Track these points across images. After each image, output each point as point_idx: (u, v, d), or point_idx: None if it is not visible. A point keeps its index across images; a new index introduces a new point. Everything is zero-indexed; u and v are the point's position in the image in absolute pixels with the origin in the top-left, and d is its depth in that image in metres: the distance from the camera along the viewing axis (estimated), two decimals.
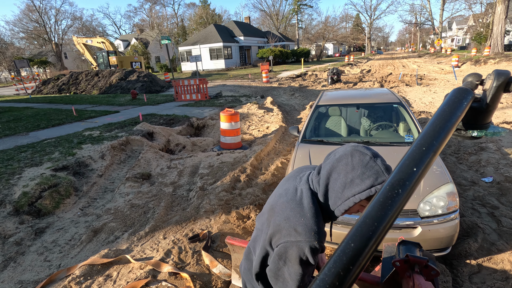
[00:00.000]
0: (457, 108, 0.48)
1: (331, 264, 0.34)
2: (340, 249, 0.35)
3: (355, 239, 0.34)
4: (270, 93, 12.80)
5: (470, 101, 0.52)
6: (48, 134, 6.88)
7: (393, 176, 0.39)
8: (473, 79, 0.61)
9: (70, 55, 47.79)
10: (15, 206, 3.45)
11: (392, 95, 4.08)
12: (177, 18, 59.84)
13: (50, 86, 19.28)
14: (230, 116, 5.46)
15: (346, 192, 0.89)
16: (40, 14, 45.00)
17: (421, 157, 0.40)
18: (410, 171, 0.39)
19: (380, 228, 0.35)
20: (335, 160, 0.93)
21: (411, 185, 0.38)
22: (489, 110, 0.59)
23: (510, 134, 5.61)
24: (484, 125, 0.62)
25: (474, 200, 3.48)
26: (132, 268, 2.48)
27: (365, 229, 0.35)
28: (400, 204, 0.37)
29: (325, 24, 50.76)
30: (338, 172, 0.91)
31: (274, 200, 1.08)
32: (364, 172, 0.87)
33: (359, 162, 0.89)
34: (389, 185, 0.38)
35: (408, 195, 0.38)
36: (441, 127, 0.44)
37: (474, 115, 0.61)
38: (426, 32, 70.82)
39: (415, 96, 10.34)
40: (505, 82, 0.55)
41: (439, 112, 0.48)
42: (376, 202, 0.37)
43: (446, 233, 2.28)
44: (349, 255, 0.34)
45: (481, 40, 30.70)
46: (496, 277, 2.36)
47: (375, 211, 0.36)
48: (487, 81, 0.58)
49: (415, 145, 0.42)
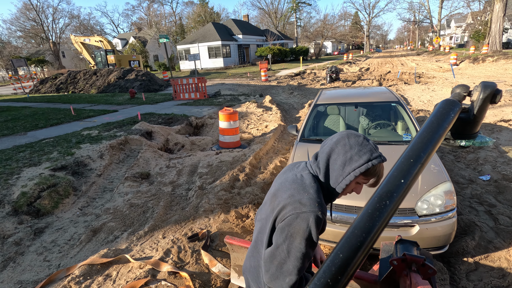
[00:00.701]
0: (445, 120, 0.49)
1: (321, 274, 0.34)
2: (329, 259, 0.35)
3: (344, 250, 0.35)
4: (269, 92, 12.79)
5: (457, 113, 0.53)
6: (47, 133, 6.87)
7: (381, 188, 0.40)
8: (461, 91, 0.62)
9: (68, 54, 47.57)
10: (14, 206, 3.45)
11: (390, 93, 4.09)
12: (175, 16, 59.61)
13: (48, 85, 19.20)
14: (229, 115, 5.46)
15: (346, 168, 0.99)
16: (37, 13, 44.73)
17: (408, 169, 0.41)
18: (398, 182, 0.40)
19: (368, 239, 0.35)
20: (333, 143, 1.04)
21: (399, 197, 0.39)
22: (476, 121, 0.61)
23: (508, 132, 5.64)
24: (472, 135, 0.63)
25: (471, 198, 3.50)
26: (132, 267, 2.49)
27: (353, 240, 0.35)
28: (388, 215, 0.37)
29: (323, 22, 50.66)
30: (338, 152, 1.02)
31: (276, 188, 1.13)
32: (360, 150, 0.99)
33: (355, 142, 1.00)
34: (377, 197, 0.39)
35: (396, 206, 0.38)
36: (428, 139, 0.45)
37: (462, 125, 0.62)
38: (424, 30, 70.83)
39: (413, 94, 10.36)
40: (491, 94, 0.57)
41: (427, 124, 0.49)
42: (365, 213, 0.37)
43: (443, 232, 2.30)
44: (338, 265, 0.34)
45: (480, 38, 30.73)
46: (493, 274, 2.38)
47: (364, 222, 0.37)
48: (474, 92, 0.59)
49: (403, 157, 0.43)
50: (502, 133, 5.64)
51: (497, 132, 5.71)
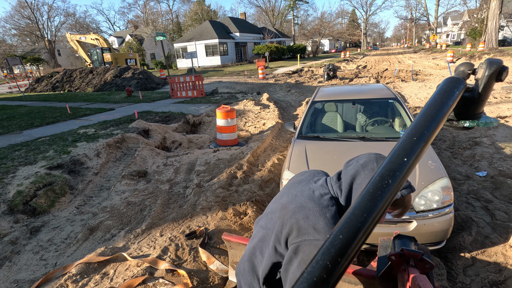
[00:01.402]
0: (449, 98, 0.48)
1: (319, 256, 0.33)
2: (328, 241, 0.34)
3: (344, 231, 0.34)
4: (266, 90, 12.77)
5: (462, 90, 0.51)
6: (42, 132, 6.81)
7: (383, 166, 0.39)
8: (465, 69, 0.60)
9: (64, 52, 47.19)
10: (9, 205, 3.42)
11: (387, 90, 4.09)
12: (172, 14, 59.25)
13: (44, 84, 19.04)
14: (226, 113, 5.44)
15: None
16: (32, 11, 44.25)
17: (412, 147, 0.40)
18: (401, 161, 0.38)
19: (369, 220, 0.34)
20: (359, 165, 0.96)
21: (402, 176, 0.37)
22: (481, 99, 0.59)
23: (504, 129, 5.67)
24: (476, 115, 0.62)
25: (468, 194, 3.51)
26: (129, 265, 2.48)
27: (354, 220, 0.34)
28: (391, 195, 0.36)
29: (321, 20, 50.58)
30: (364, 177, 0.94)
31: (288, 200, 1.06)
32: None
33: None
34: (379, 176, 0.37)
35: (399, 185, 0.37)
36: (432, 117, 0.44)
37: (466, 105, 0.60)
38: (421, 28, 70.98)
39: (410, 91, 10.39)
40: (497, 71, 0.55)
41: (431, 101, 0.47)
42: (366, 193, 0.36)
43: (440, 227, 2.31)
44: (338, 247, 0.33)
45: (476, 35, 30.85)
46: (489, 269, 2.40)
47: (365, 202, 0.35)
48: (479, 70, 0.57)
49: (406, 135, 0.42)
50: (498, 129, 5.68)
51: (493, 128, 5.74)
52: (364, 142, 3.20)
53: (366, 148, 3.04)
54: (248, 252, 1.20)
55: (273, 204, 1.18)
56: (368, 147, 3.07)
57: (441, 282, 2.26)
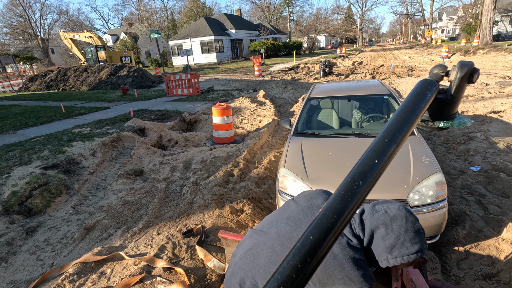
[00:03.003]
0: (421, 100, 0.49)
1: (290, 257, 0.34)
2: (299, 242, 0.35)
3: (314, 232, 0.35)
4: (263, 87, 12.75)
5: (434, 92, 0.53)
6: (37, 132, 6.75)
7: (355, 168, 0.40)
8: (438, 71, 0.62)
9: (57, 51, 46.61)
10: (4, 206, 3.40)
11: (383, 86, 4.11)
12: (167, 11, 58.73)
13: (38, 83, 18.82)
14: (223, 111, 5.43)
15: (395, 251, 0.95)
16: (24, 8, 43.61)
17: (383, 149, 0.41)
18: (372, 163, 0.39)
19: (339, 221, 0.35)
20: (388, 218, 0.98)
21: (372, 177, 0.38)
22: (454, 101, 0.61)
23: (498, 123, 5.73)
24: (450, 115, 0.64)
25: (462, 189, 3.56)
26: (126, 264, 2.48)
27: (324, 221, 0.35)
28: (361, 196, 0.37)
29: (316, 16, 50.51)
30: (390, 230, 0.96)
31: (301, 217, 1.06)
32: (414, 237, 0.95)
33: (412, 227, 0.97)
34: (350, 178, 0.38)
35: (369, 187, 0.38)
36: (404, 119, 0.45)
37: (440, 106, 0.62)
38: (417, 23, 71.12)
39: (406, 87, 10.43)
40: (468, 73, 0.57)
41: (404, 104, 0.49)
42: (337, 195, 0.37)
43: (435, 222, 2.34)
44: (308, 247, 0.34)
45: (471, 30, 31.00)
46: (483, 262, 2.44)
47: (336, 204, 0.36)
48: (451, 72, 0.59)
49: (378, 138, 0.43)
50: (492, 124, 5.73)
51: (487, 123, 5.80)
52: (359, 138, 3.22)
53: (362, 145, 3.06)
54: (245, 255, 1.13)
55: (280, 212, 1.14)
56: (363, 143, 3.09)
57: (435, 276, 2.30)
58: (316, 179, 2.64)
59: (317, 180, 2.63)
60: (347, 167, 2.70)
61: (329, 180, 2.60)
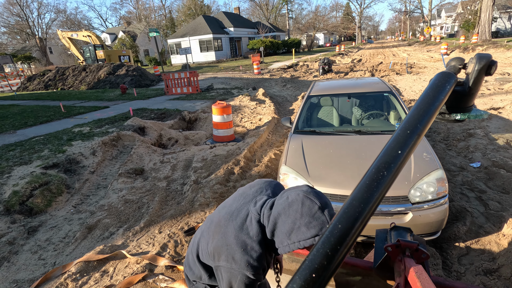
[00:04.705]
0: (441, 92, 0.50)
1: (320, 245, 0.35)
2: (328, 230, 0.36)
3: (342, 221, 0.36)
4: (262, 85, 12.73)
5: (453, 84, 0.53)
6: (37, 131, 6.74)
7: (379, 159, 0.40)
8: (456, 63, 0.62)
9: (56, 50, 46.43)
10: (5, 206, 3.40)
11: (382, 84, 4.11)
12: (165, 9, 58.52)
13: (36, 82, 18.76)
14: (222, 109, 5.43)
15: (292, 236, 0.95)
16: (21, 7, 43.35)
17: (405, 140, 0.41)
18: (395, 154, 0.40)
19: (366, 210, 0.36)
20: (287, 204, 0.97)
21: (396, 167, 0.39)
22: (471, 93, 0.61)
23: (497, 120, 5.74)
24: (467, 108, 0.64)
25: (462, 185, 3.57)
26: (129, 263, 2.49)
27: (351, 210, 0.36)
28: (386, 186, 0.38)
29: (315, 14, 50.40)
30: (288, 215, 0.96)
31: (224, 217, 1.10)
32: (310, 222, 0.93)
33: (308, 211, 0.94)
34: (375, 168, 0.39)
35: (393, 177, 0.39)
36: (425, 111, 0.45)
37: (457, 98, 0.62)
38: (415, 21, 71.04)
39: (405, 84, 10.44)
40: (486, 65, 0.57)
41: (423, 96, 0.49)
42: (363, 184, 0.38)
43: (436, 218, 2.34)
44: (337, 235, 0.35)
45: (469, 27, 30.99)
46: (483, 258, 2.45)
47: (362, 193, 0.37)
48: (469, 65, 0.59)
49: (400, 129, 0.43)
50: (491, 121, 5.75)
51: (487, 120, 5.81)
52: (360, 135, 3.23)
53: (362, 142, 3.06)
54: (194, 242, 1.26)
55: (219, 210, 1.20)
56: (364, 140, 3.10)
57: (437, 271, 2.31)
58: (317, 177, 2.64)
59: (318, 178, 2.63)
60: (348, 164, 2.70)
61: (330, 177, 2.61)
